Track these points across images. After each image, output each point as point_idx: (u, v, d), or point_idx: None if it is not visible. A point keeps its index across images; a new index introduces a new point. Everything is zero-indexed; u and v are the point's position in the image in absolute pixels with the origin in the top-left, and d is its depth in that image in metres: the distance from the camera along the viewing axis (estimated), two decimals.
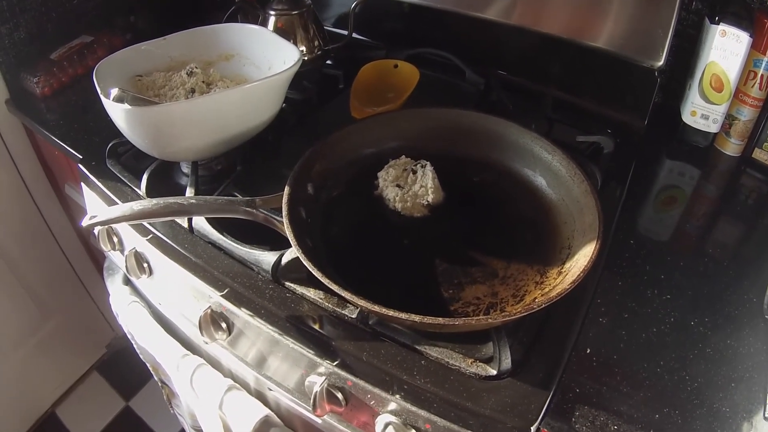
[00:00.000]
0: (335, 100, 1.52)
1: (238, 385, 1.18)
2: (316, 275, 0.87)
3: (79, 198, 1.73)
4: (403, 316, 0.80)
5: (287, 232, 0.93)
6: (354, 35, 1.59)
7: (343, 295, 0.85)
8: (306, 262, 0.88)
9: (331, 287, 0.85)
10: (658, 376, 0.88)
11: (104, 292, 2.27)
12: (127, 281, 1.47)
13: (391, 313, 0.81)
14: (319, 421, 1.09)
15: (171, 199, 1.02)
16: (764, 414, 0.83)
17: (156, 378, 1.46)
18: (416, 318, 0.80)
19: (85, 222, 1.06)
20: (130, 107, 1.12)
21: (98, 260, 2.18)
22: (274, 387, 1.12)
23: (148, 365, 1.44)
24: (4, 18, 1.61)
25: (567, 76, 1.46)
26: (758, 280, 1.04)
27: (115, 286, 1.46)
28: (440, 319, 0.80)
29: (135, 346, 1.41)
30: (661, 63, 1.27)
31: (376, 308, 0.82)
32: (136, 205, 1.03)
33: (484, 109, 1.20)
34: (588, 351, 0.91)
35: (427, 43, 1.59)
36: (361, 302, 0.83)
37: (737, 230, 1.22)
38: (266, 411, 1.14)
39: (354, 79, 1.42)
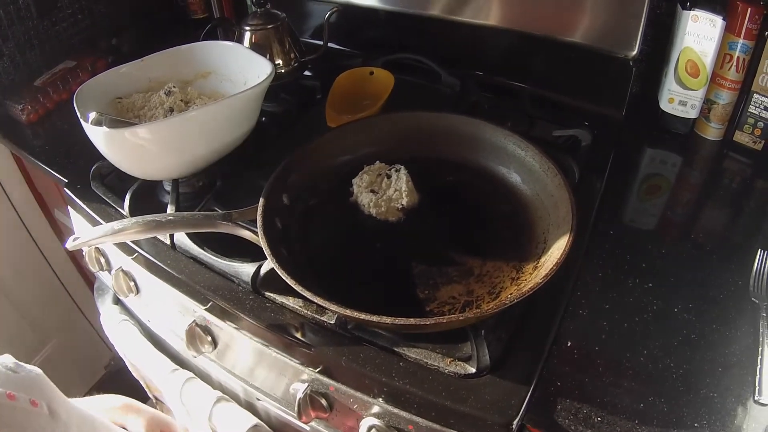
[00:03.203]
0: (313, 110, 1.53)
1: (227, 397, 1.19)
2: (291, 284, 0.87)
3: (68, 221, 1.74)
4: (374, 318, 0.81)
5: (262, 243, 0.94)
6: (330, 45, 1.60)
7: (316, 301, 0.85)
8: (280, 271, 0.88)
9: (305, 295, 0.86)
10: (641, 365, 0.88)
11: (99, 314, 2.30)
12: (117, 300, 1.48)
13: (363, 316, 0.82)
14: (307, 428, 1.10)
15: (149, 217, 1.03)
16: (754, 397, 0.83)
17: (150, 395, 1.47)
18: (387, 320, 0.80)
19: (69, 243, 1.08)
20: (107, 129, 1.13)
21: (91, 282, 2.18)
22: (262, 396, 1.13)
23: (141, 382, 1.45)
24: None
25: (543, 72, 1.47)
26: (744, 263, 1.03)
27: (105, 306, 1.47)
28: (411, 319, 0.80)
29: (127, 363, 1.42)
30: (635, 53, 1.28)
31: (348, 312, 0.83)
32: (116, 225, 1.04)
33: (460, 110, 1.20)
34: (569, 344, 0.91)
35: (403, 48, 1.60)
36: (334, 307, 0.84)
37: (721, 215, 1.22)
38: (255, 420, 1.14)
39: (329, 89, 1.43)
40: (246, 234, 1.01)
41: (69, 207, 1.42)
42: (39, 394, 0.90)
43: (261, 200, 1.01)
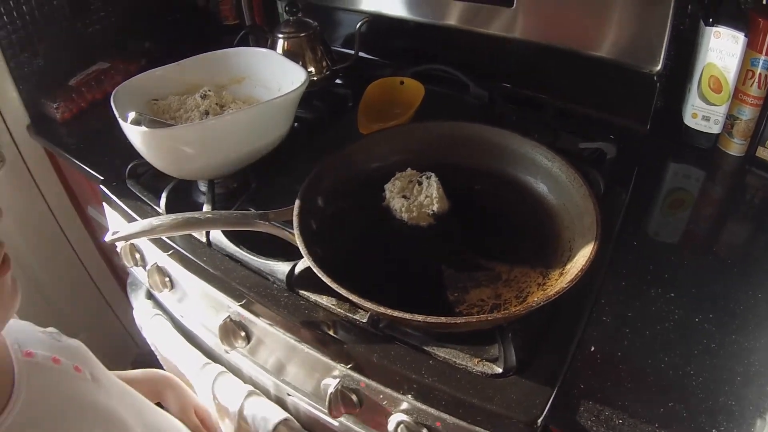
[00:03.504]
0: (345, 117, 1.56)
1: (258, 391, 1.23)
2: (326, 281, 0.90)
3: (102, 219, 1.78)
4: (407, 316, 0.84)
5: (298, 242, 0.97)
6: (361, 54, 1.64)
7: (352, 299, 0.89)
8: (316, 269, 0.92)
9: (340, 292, 0.89)
10: (662, 371, 0.90)
11: (128, 310, 2.32)
12: (150, 295, 1.52)
13: (396, 314, 0.85)
14: (336, 423, 1.13)
15: (188, 214, 1.06)
16: None
17: None
18: (420, 318, 0.83)
19: (108, 237, 1.11)
20: (147, 129, 1.17)
21: (121, 278, 2.22)
22: (293, 392, 1.17)
23: None
24: (23, 46, 1.67)
25: (569, 85, 1.49)
26: (764, 277, 1.05)
27: (138, 301, 1.51)
28: (442, 318, 0.83)
29: (159, 357, 1.46)
30: (659, 68, 1.30)
31: (382, 309, 0.86)
32: (155, 221, 1.07)
33: (488, 120, 1.22)
34: (592, 349, 0.94)
35: (431, 59, 1.63)
36: (369, 305, 0.87)
37: (743, 229, 1.23)
38: (285, 414, 1.18)
39: (361, 97, 1.46)
40: (282, 234, 1.04)
41: (104, 204, 1.46)
42: (82, 362, 0.94)
43: (297, 201, 1.04)
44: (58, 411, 0.83)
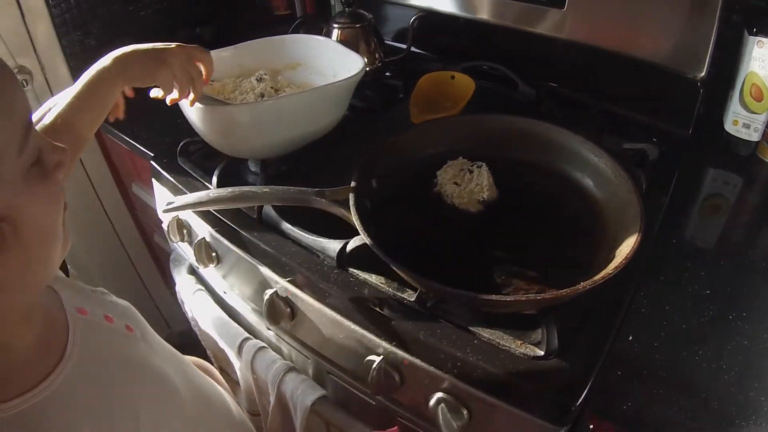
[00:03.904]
0: (395, 108, 1.60)
1: (296, 367, 1.26)
2: (381, 256, 0.94)
3: (146, 196, 1.83)
4: (460, 292, 0.88)
5: (354, 220, 1.00)
6: (411, 48, 1.67)
7: (405, 275, 0.92)
8: (373, 246, 0.95)
9: (394, 267, 0.93)
10: (696, 364, 0.92)
11: (162, 290, 2.36)
12: (192, 271, 1.55)
13: (449, 290, 0.88)
14: (373, 402, 1.16)
15: (246, 188, 1.10)
16: None
17: (216, 366, 1.53)
18: (472, 294, 0.87)
19: (164, 207, 1.15)
20: (205, 106, 1.21)
21: (158, 258, 2.28)
22: (333, 369, 1.20)
23: (208, 352, 1.51)
24: (76, 25, 1.72)
25: (614, 87, 1.52)
26: None
27: (181, 276, 1.54)
28: (493, 296, 0.87)
29: (198, 332, 1.49)
30: (702, 74, 1.33)
31: (436, 285, 0.89)
32: (212, 192, 1.12)
33: (536, 117, 1.25)
34: (630, 338, 0.96)
35: (480, 56, 1.66)
36: (424, 281, 0.90)
37: None
38: (323, 391, 1.20)
39: (413, 89, 1.50)
40: (338, 211, 1.07)
41: (153, 180, 1.50)
42: (132, 322, 0.97)
43: (353, 181, 1.08)
44: (111, 369, 0.84)
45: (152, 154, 1.50)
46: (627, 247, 0.93)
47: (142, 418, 0.82)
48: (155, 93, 1.16)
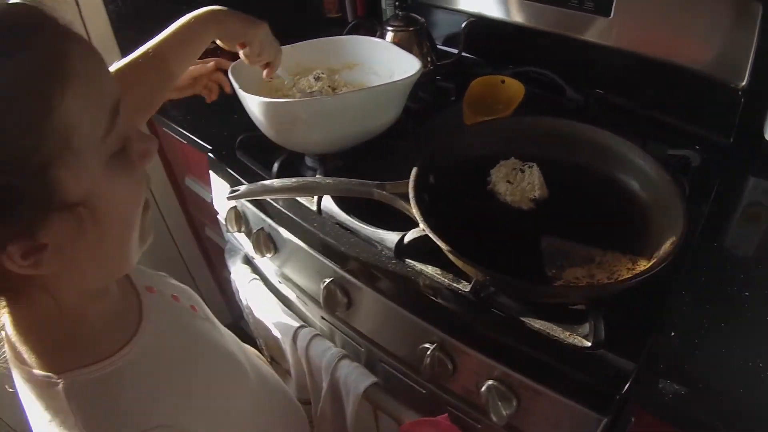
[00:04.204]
0: (447, 110, 1.65)
1: (349, 355, 1.30)
2: (440, 245, 0.98)
3: (200, 190, 1.88)
4: (520, 281, 0.93)
5: (414, 212, 1.05)
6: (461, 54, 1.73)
7: (462, 263, 0.97)
8: (433, 236, 0.99)
9: (451, 255, 0.98)
10: (734, 360, 0.95)
11: (209, 283, 2.41)
12: (247, 261, 1.61)
13: (510, 278, 0.93)
14: (424, 391, 1.21)
15: (309, 178, 1.15)
16: None
17: (267, 354, 1.58)
18: (530, 283, 0.92)
19: (229, 195, 1.21)
20: (268, 100, 1.27)
21: (207, 252, 2.34)
22: (385, 357, 1.25)
23: (260, 341, 1.56)
24: (131, 20, 1.79)
25: (658, 94, 1.55)
26: None
27: (236, 266, 1.60)
28: (550, 285, 0.92)
29: (251, 320, 1.54)
30: (744, 83, 1.36)
31: (499, 274, 0.94)
32: (277, 181, 1.16)
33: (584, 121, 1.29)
34: (672, 334, 0.99)
35: (529, 62, 1.71)
36: (484, 270, 0.95)
37: None
38: (375, 378, 1.24)
39: (466, 91, 1.55)
40: (398, 203, 1.12)
41: (211, 172, 1.56)
42: (196, 304, 1.02)
43: (412, 176, 1.12)
44: (183, 342, 0.89)
45: (210, 147, 1.56)
46: (670, 244, 0.97)
47: (213, 391, 0.87)
48: (244, 54, 1.25)
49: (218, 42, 1.18)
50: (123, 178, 0.68)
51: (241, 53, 1.24)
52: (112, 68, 1.03)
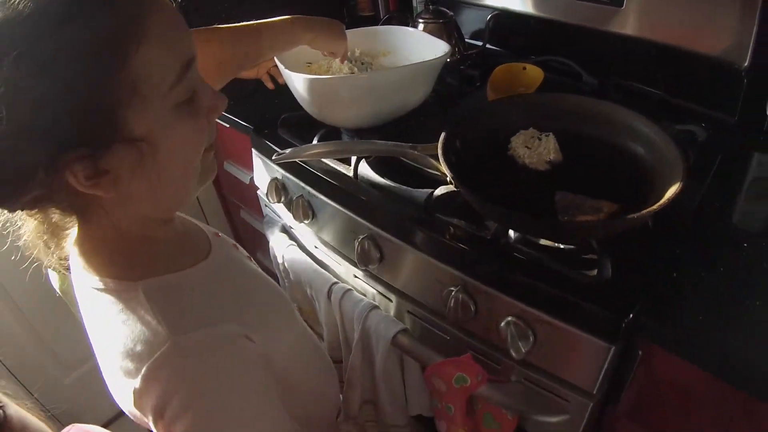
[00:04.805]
0: (473, 94, 1.77)
1: (379, 306, 1.41)
2: (467, 195, 1.11)
3: (238, 173, 2.01)
4: (536, 220, 1.06)
5: (444, 168, 1.16)
6: (486, 45, 1.86)
7: (488, 211, 1.10)
8: (460, 188, 1.12)
9: (478, 203, 1.10)
10: (731, 304, 1.04)
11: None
12: (284, 231, 1.73)
13: (530, 217, 1.07)
14: (447, 337, 1.32)
15: (349, 141, 1.27)
16: None
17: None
18: (549, 220, 1.07)
19: (275, 156, 1.35)
20: (311, 77, 1.40)
21: (240, 234, 2.46)
22: (413, 308, 1.35)
23: (294, 305, 1.66)
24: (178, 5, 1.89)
25: (668, 77, 1.65)
26: None
27: (275, 236, 1.72)
28: (566, 218, 1.06)
29: (288, 285, 1.67)
30: (746, 63, 1.46)
31: (517, 214, 1.07)
32: (320, 146, 1.28)
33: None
34: (674, 275, 1.09)
35: (548, 51, 1.83)
36: (506, 211, 1.07)
37: None
38: (403, 325, 1.35)
39: (490, 75, 1.66)
40: (429, 162, 1.25)
41: (253, 149, 1.68)
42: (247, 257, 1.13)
43: (441, 139, 1.24)
44: (243, 278, 0.99)
45: (252, 127, 1.68)
46: (674, 190, 1.05)
47: (270, 321, 0.97)
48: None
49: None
50: (187, 125, 0.75)
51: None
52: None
